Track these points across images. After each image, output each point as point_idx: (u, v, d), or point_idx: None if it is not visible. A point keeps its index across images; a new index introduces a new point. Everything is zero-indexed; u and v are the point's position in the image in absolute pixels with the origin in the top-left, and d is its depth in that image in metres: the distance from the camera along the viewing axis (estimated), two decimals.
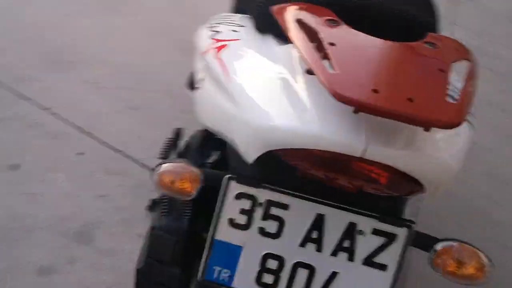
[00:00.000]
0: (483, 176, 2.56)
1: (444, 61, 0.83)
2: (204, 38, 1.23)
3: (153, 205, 1.93)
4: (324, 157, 0.83)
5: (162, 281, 1.12)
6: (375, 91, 0.71)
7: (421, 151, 0.85)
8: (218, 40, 1.16)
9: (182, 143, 1.74)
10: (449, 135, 0.88)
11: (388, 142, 0.82)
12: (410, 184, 0.88)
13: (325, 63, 0.77)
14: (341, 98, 0.72)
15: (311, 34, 0.83)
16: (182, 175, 0.94)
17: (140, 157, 2.13)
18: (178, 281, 1.12)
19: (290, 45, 1.04)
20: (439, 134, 0.87)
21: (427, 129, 0.74)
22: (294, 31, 0.83)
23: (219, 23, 1.28)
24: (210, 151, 1.32)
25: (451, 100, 0.76)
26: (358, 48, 0.80)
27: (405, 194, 0.94)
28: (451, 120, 0.72)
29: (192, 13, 3.49)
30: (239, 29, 1.21)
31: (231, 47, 1.09)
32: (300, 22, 0.84)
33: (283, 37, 1.10)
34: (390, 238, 0.95)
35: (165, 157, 1.67)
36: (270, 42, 1.10)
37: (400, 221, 0.95)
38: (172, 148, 1.67)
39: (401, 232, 0.95)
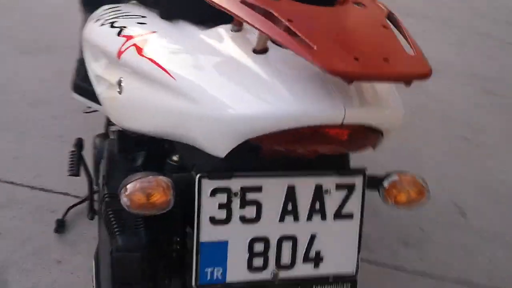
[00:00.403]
0: None
1: (380, 18, 0.89)
2: (108, 38, 1.12)
3: (61, 226, 1.78)
4: (305, 133, 0.84)
5: None
6: (356, 59, 0.74)
7: (385, 105, 0.91)
8: (129, 37, 1.06)
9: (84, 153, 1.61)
10: (391, 85, 0.96)
11: (361, 103, 0.86)
12: (368, 139, 0.94)
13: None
14: (337, 73, 0.73)
15: (260, 13, 0.81)
16: (154, 188, 0.87)
17: (25, 179, 1.91)
18: None
19: (216, 28, 1.01)
20: (387, 87, 0.93)
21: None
22: (247, 14, 0.81)
23: (116, 18, 1.17)
24: (134, 154, 1.25)
25: (410, 53, 0.82)
26: (313, 20, 0.81)
27: (357, 150, 1.01)
28: (426, 71, 0.79)
29: (22, 7, 3.11)
30: (144, 20, 1.13)
31: (151, 42, 1.02)
32: (246, 3, 0.82)
33: (201, 22, 1.06)
34: (350, 188, 1.02)
35: (75, 172, 1.54)
36: (189, 28, 1.05)
37: (355, 171, 1.03)
38: (79, 161, 1.54)
39: (358, 180, 1.02)
